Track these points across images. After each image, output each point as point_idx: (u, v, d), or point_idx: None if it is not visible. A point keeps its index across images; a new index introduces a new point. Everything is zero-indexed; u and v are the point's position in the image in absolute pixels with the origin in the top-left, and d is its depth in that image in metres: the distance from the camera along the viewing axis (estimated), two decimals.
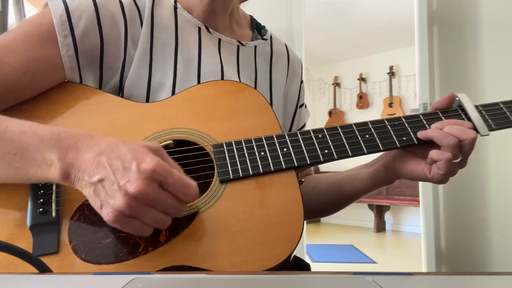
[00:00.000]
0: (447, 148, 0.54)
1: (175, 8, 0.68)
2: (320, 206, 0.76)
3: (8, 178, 0.48)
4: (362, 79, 5.38)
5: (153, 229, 0.44)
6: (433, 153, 0.56)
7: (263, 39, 0.77)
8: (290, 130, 0.79)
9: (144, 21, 0.63)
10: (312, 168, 0.82)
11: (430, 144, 0.57)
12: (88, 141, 0.44)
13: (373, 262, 3.48)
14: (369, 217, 5.06)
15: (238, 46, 0.72)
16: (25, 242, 0.47)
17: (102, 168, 0.41)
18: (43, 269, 0.38)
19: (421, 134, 0.57)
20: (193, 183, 0.43)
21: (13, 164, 0.46)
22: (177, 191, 0.42)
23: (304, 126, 0.83)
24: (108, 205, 0.41)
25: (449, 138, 0.54)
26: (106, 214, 0.41)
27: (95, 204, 0.43)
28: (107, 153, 0.42)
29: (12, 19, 1.48)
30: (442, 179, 0.56)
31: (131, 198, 0.40)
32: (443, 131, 0.55)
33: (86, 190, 0.43)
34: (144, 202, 0.41)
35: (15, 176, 0.47)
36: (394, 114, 4.96)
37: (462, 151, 0.55)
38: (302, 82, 0.83)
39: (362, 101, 5.36)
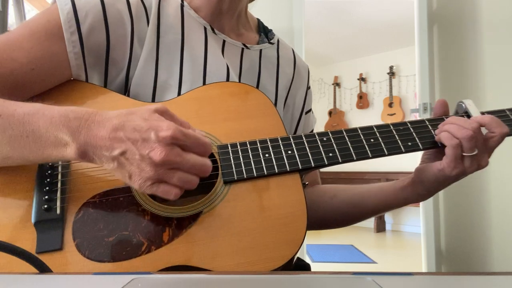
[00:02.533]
0: (461, 139, 0.55)
1: (182, 6, 0.68)
2: (339, 215, 0.74)
3: (25, 160, 0.49)
4: (362, 79, 5.38)
5: (182, 191, 0.45)
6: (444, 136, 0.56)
7: (270, 43, 0.76)
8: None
9: (150, 20, 0.63)
10: (317, 171, 0.81)
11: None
12: (97, 117, 0.44)
13: (373, 262, 3.48)
14: None
15: (242, 49, 0.72)
16: (29, 239, 0.48)
17: (121, 142, 0.43)
18: (43, 269, 0.38)
19: (437, 138, 0.58)
20: (207, 141, 0.46)
21: (27, 146, 0.46)
22: (197, 151, 0.45)
23: (311, 132, 0.82)
24: (137, 175, 0.43)
25: (463, 130, 0.55)
26: (137, 183, 0.43)
27: (122, 176, 0.44)
28: (122, 127, 0.43)
29: (12, 19, 1.48)
30: (452, 168, 0.56)
31: (158, 165, 0.42)
32: (457, 124, 0.56)
33: (109, 165, 0.44)
34: (171, 166, 0.43)
35: (31, 157, 0.48)
36: (394, 114, 4.95)
37: (477, 144, 0.56)
38: (309, 88, 0.82)
39: (362, 101, 5.35)
